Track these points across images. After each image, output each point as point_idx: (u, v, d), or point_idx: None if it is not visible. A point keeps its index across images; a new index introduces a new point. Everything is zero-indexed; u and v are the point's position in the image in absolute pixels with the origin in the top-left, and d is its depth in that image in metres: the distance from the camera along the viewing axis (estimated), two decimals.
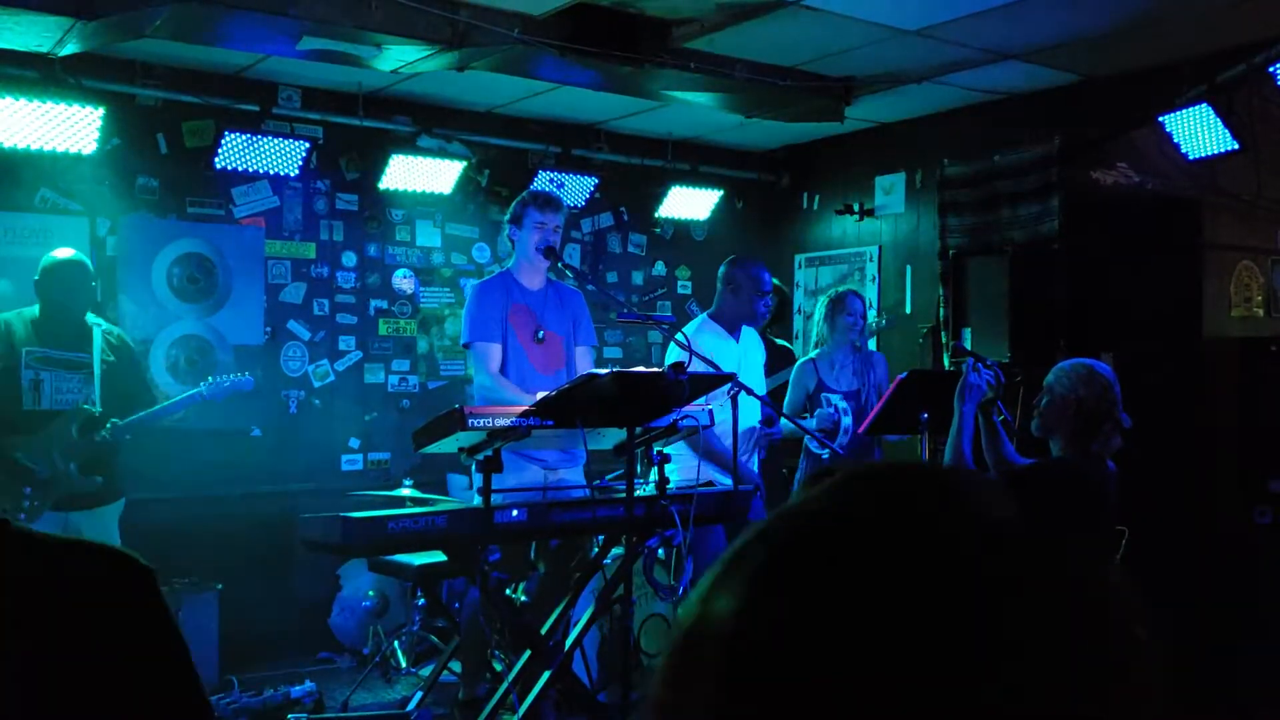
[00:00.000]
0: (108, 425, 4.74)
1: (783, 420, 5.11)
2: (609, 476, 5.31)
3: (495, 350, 4.60)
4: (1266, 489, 5.43)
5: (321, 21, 4.75)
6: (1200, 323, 5.80)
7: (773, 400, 5.24)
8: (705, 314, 5.23)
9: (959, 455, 3.44)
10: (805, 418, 5.36)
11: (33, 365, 4.71)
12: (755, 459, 5.15)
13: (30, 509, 4.61)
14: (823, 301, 5.65)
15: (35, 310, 4.83)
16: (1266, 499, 5.43)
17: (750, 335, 5.27)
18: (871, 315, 6.05)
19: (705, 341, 4.73)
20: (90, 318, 4.88)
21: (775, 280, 6.38)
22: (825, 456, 5.18)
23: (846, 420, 5.24)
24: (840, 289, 5.73)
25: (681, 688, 0.57)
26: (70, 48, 4.92)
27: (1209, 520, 5.54)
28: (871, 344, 5.90)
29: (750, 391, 4.28)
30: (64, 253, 4.93)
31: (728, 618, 0.56)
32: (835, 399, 5.37)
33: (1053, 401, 3.41)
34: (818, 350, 5.58)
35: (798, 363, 5.67)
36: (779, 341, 6.13)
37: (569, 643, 4.15)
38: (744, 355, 5.10)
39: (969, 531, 0.55)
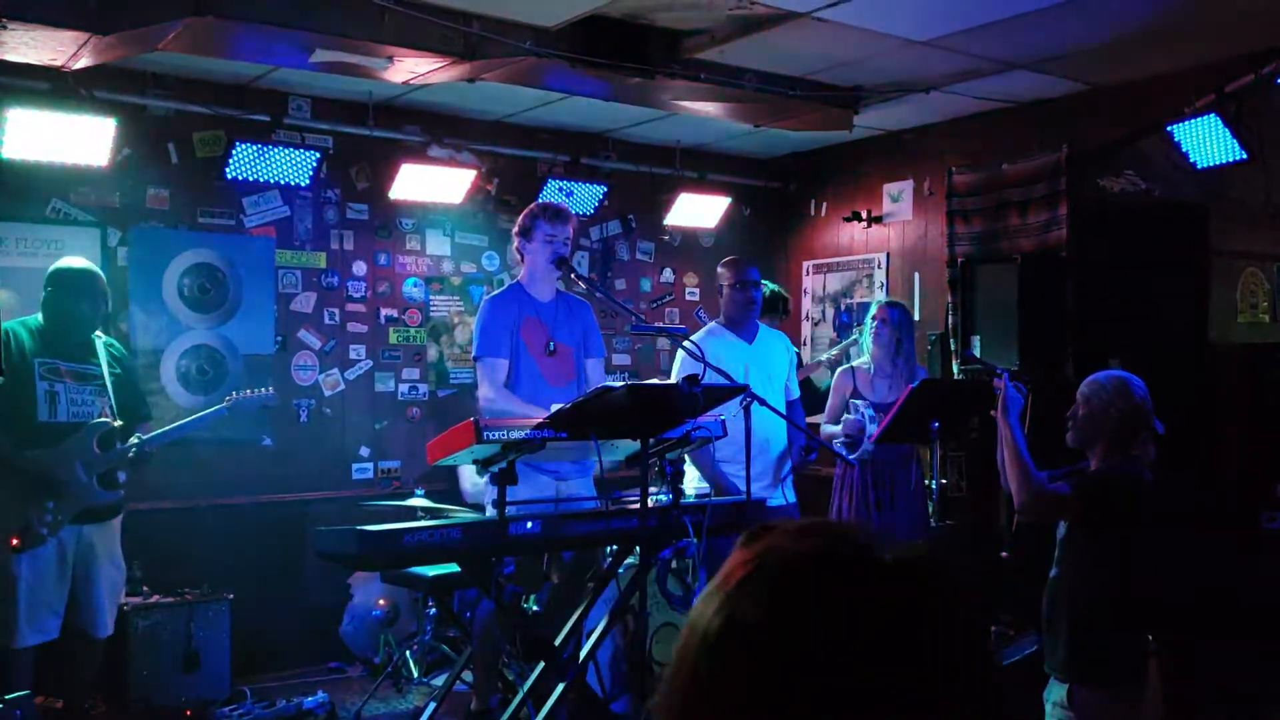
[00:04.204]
0: (134, 441, 4.73)
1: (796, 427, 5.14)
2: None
3: (502, 365, 4.62)
4: (1274, 494, 5.44)
5: (334, 34, 4.76)
6: (1207, 329, 5.82)
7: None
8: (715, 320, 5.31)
9: (1023, 465, 3.44)
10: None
11: (46, 377, 4.61)
12: (789, 485, 5.18)
13: (53, 522, 4.57)
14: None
15: (37, 319, 4.71)
16: (1274, 504, 5.44)
17: (774, 338, 5.30)
18: (862, 336, 5.80)
19: (710, 345, 4.77)
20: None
21: (775, 286, 6.41)
22: (852, 460, 5.22)
23: (872, 428, 5.26)
24: (882, 300, 5.79)
25: (705, 686, 0.72)
26: (84, 61, 4.93)
27: (1217, 525, 5.55)
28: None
29: (763, 402, 4.28)
30: (76, 261, 4.84)
31: (756, 625, 0.72)
32: (862, 405, 5.39)
33: (1090, 414, 3.42)
34: (860, 360, 5.65)
35: (838, 369, 5.74)
36: None
37: (583, 654, 4.16)
38: (759, 357, 5.12)
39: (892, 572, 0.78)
